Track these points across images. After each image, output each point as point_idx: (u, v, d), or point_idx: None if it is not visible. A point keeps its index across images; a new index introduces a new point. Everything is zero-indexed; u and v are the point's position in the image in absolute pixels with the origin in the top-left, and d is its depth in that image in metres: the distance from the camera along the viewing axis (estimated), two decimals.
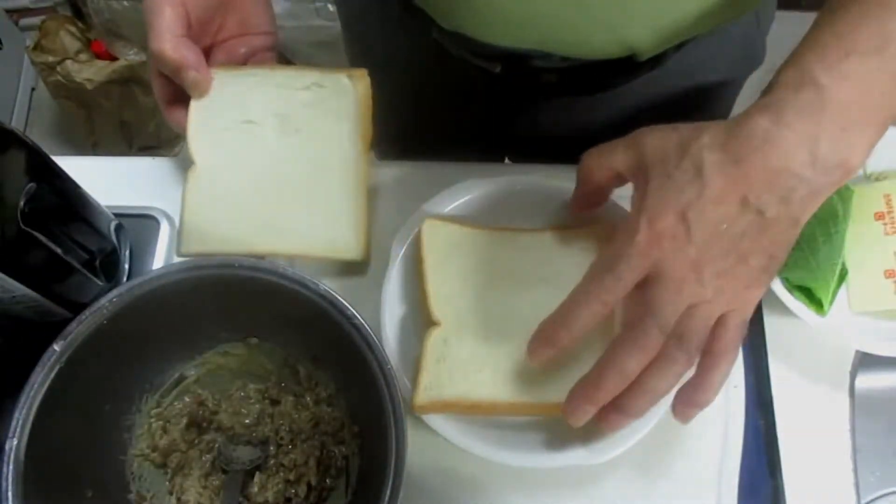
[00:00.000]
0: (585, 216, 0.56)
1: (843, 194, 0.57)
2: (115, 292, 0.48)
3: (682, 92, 0.68)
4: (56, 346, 0.46)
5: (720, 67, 0.69)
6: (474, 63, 0.64)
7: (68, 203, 0.54)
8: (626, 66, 0.61)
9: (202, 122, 0.57)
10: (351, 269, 0.60)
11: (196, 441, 0.54)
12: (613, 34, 0.56)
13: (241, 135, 0.57)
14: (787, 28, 0.70)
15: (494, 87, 0.70)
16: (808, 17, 0.43)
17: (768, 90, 0.41)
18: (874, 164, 0.60)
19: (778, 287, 0.54)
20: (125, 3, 1.44)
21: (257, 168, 0.57)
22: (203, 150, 0.57)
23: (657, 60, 0.62)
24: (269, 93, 0.57)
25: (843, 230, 0.56)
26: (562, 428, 0.52)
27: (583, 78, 0.64)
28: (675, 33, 0.58)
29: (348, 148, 0.57)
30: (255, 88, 0.57)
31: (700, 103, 0.71)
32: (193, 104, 0.57)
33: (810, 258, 0.56)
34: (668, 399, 0.50)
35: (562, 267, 0.55)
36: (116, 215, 0.60)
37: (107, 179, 0.63)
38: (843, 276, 0.56)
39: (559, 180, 0.58)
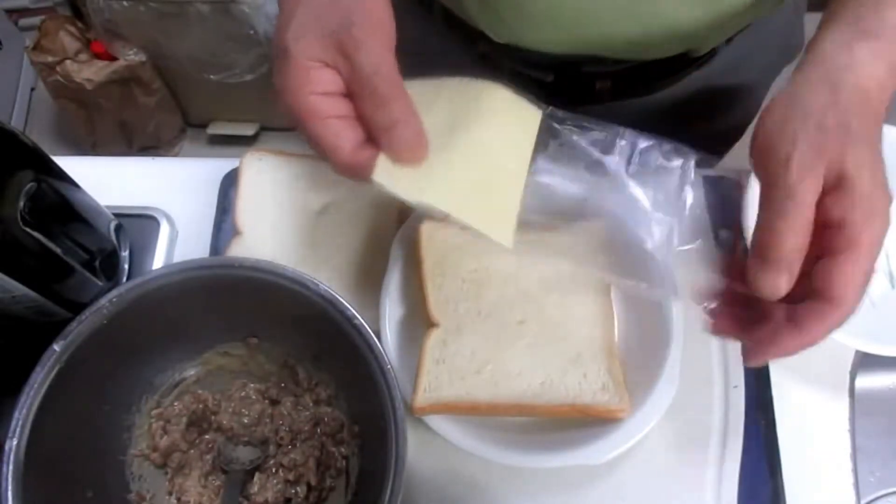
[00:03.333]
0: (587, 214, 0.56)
1: None
2: (115, 292, 0.48)
3: (727, 86, 0.68)
4: (56, 346, 0.46)
5: (763, 58, 0.69)
6: (525, 74, 0.63)
7: (68, 203, 0.54)
8: (677, 65, 0.61)
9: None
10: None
11: (196, 441, 0.54)
12: (675, 30, 0.55)
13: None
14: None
15: (545, 96, 0.70)
16: None
17: None
18: None
19: None
20: (125, 3, 1.44)
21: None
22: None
23: (708, 56, 0.62)
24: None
25: None
26: (562, 428, 0.52)
27: (635, 81, 0.64)
28: (734, 22, 0.57)
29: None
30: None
31: (742, 95, 0.71)
32: None
33: None
34: (667, 400, 0.50)
35: (561, 268, 0.55)
36: (116, 215, 0.60)
37: (107, 179, 0.63)
38: None
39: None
